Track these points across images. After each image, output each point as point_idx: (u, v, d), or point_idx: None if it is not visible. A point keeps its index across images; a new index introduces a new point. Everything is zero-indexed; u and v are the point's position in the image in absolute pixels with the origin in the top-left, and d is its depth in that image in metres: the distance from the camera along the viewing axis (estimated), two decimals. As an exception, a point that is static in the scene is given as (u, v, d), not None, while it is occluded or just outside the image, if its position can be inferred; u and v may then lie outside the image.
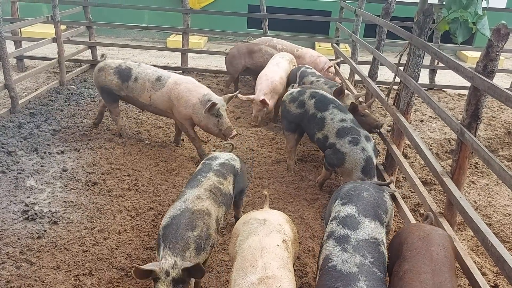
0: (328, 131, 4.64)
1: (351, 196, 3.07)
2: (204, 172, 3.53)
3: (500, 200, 5.08)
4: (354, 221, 2.82)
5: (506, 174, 2.73)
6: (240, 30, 11.54)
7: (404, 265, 2.57)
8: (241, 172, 3.90)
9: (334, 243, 2.69)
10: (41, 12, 11.66)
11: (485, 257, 4.06)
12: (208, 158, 3.83)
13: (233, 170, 3.74)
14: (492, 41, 3.08)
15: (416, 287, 2.38)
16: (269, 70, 6.51)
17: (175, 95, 5.21)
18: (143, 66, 5.60)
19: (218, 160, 3.74)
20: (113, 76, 5.57)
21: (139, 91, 5.45)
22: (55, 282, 3.46)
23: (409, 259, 2.59)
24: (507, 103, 2.75)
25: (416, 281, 2.41)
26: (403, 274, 2.51)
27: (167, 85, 5.29)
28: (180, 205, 3.14)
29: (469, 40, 12.03)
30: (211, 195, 3.31)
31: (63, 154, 5.43)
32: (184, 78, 5.40)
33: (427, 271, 2.46)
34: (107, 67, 5.65)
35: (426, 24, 4.56)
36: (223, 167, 3.66)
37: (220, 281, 3.57)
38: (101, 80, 5.64)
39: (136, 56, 10.60)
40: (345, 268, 2.47)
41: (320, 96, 4.95)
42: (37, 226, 4.09)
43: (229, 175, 3.64)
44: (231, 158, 3.85)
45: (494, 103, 8.20)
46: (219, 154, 3.88)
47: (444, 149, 6.29)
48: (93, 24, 9.06)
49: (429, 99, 3.99)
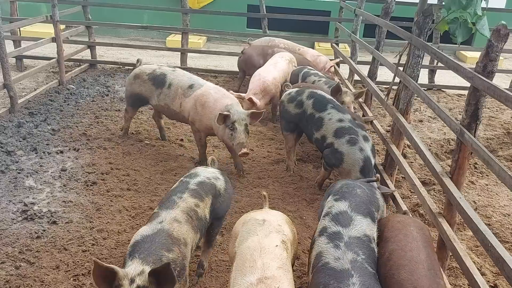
0: (326, 131, 4.64)
1: (344, 193, 3.08)
2: (179, 192, 3.15)
3: (499, 201, 5.08)
4: (347, 217, 2.82)
5: (505, 174, 2.72)
6: (240, 30, 11.53)
7: (388, 245, 2.76)
8: (224, 193, 3.42)
9: (326, 240, 2.69)
10: (40, 12, 11.65)
11: (484, 257, 4.06)
12: (187, 175, 3.43)
13: (213, 191, 3.32)
14: (492, 41, 3.07)
15: (406, 265, 2.53)
16: (264, 69, 6.47)
17: (200, 103, 5.05)
18: (178, 72, 5.44)
19: (197, 178, 3.33)
20: (148, 83, 5.43)
21: (171, 98, 5.28)
22: (54, 282, 3.45)
23: (392, 239, 2.79)
24: (506, 103, 2.75)
25: (404, 260, 2.58)
26: (390, 254, 2.68)
27: (197, 92, 5.14)
28: (154, 226, 2.79)
29: (469, 40, 12.04)
30: (188, 218, 2.97)
31: (62, 154, 5.42)
32: (215, 87, 5.19)
33: (412, 248, 2.66)
34: (142, 73, 5.50)
35: (425, 24, 4.56)
36: (201, 186, 3.26)
37: (219, 281, 3.57)
38: (136, 87, 5.52)
39: (136, 56, 10.58)
40: (338, 265, 2.48)
41: (318, 96, 4.95)
42: (36, 226, 4.09)
43: (207, 197, 3.24)
44: (213, 177, 3.42)
45: (493, 103, 8.21)
46: (200, 171, 3.46)
47: (444, 149, 6.29)
48: (93, 24, 9.06)
49: (429, 99, 3.99)
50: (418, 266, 2.53)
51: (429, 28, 4.64)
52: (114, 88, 7.92)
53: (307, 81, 6.26)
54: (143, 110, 6.96)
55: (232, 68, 9.84)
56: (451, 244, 3.19)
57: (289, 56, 7.02)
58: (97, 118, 6.53)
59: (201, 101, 5.05)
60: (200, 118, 5.08)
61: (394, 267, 2.57)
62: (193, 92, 5.14)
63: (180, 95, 5.22)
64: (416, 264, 2.54)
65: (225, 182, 3.50)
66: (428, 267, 2.53)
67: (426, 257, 2.61)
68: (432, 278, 2.46)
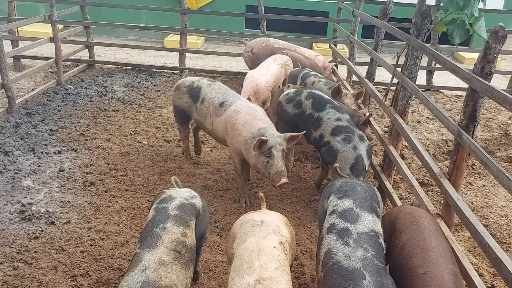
0: (324, 130, 4.67)
1: (346, 190, 3.10)
2: (161, 221, 2.77)
3: (497, 202, 5.10)
4: (353, 214, 2.86)
5: (503, 175, 2.73)
6: (238, 30, 11.53)
7: (402, 236, 2.89)
8: (203, 211, 3.18)
9: (336, 237, 2.71)
10: (39, 12, 11.63)
11: (482, 258, 4.07)
12: (161, 200, 3.03)
13: (194, 211, 3.03)
14: (490, 43, 3.08)
15: (418, 254, 2.69)
16: (257, 72, 6.45)
17: (230, 125, 4.52)
18: (213, 87, 4.92)
19: (175, 201, 2.99)
20: (186, 95, 5.06)
21: (204, 114, 4.85)
22: (52, 283, 3.45)
23: (405, 231, 2.92)
24: (504, 105, 2.76)
25: (417, 249, 2.73)
26: (403, 244, 2.83)
27: (227, 112, 4.60)
28: (137, 276, 2.38)
29: (466, 41, 12.07)
30: (176, 255, 2.59)
31: (60, 154, 5.42)
32: (247, 107, 4.55)
33: (424, 238, 2.81)
34: (181, 85, 5.16)
35: (423, 25, 4.57)
36: (183, 210, 2.93)
37: (217, 282, 3.57)
38: (176, 99, 5.19)
39: (134, 56, 10.59)
40: (349, 264, 2.51)
41: (317, 96, 4.96)
42: (34, 226, 4.08)
43: (191, 220, 2.93)
44: (190, 196, 3.13)
45: (491, 105, 8.23)
46: (173, 192, 3.11)
47: (442, 150, 6.30)
48: (91, 24, 9.05)
49: (427, 100, 4.00)
50: (430, 254, 2.67)
51: (427, 29, 4.65)
52: (112, 88, 7.91)
53: (307, 82, 6.26)
54: (141, 111, 6.96)
55: (230, 68, 9.84)
56: (449, 245, 3.19)
57: (284, 60, 6.95)
58: (95, 119, 6.53)
59: (231, 123, 4.52)
60: (231, 141, 4.55)
61: (408, 256, 2.72)
62: (224, 112, 4.63)
63: (211, 113, 4.76)
64: (428, 252, 2.69)
65: (201, 199, 3.24)
66: (440, 255, 2.67)
67: (438, 245, 2.76)
68: (444, 264, 2.61)
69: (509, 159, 6.08)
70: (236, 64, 10.19)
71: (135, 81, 8.39)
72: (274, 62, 6.76)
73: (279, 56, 7.04)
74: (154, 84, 8.32)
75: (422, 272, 2.57)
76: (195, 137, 5.57)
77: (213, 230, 4.22)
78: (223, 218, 4.39)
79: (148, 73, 8.98)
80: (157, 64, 9.81)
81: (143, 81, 8.46)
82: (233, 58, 10.38)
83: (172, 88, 8.06)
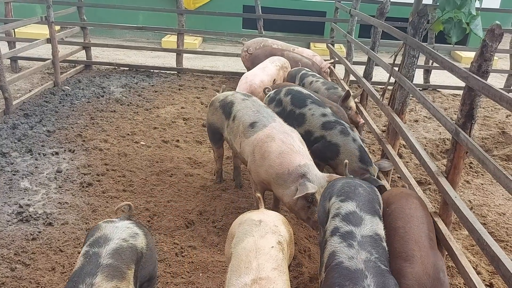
0: (310, 126, 4.61)
1: (347, 192, 3.08)
2: (88, 274, 2.27)
3: (494, 200, 5.11)
4: (357, 217, 2.85)
5: (500, 173, 2.74)
6: (235, 30, 11.53)
7: (391, 206, 3.23)
8: (147, 250, 2.66)
9: (340, 240, 2.70)
10: (35, 13, 11.61)
11: (480, 256, 4.08)
12: (93, 241, 2.49)
13: (135, 256, 2.52)
14: (486, 41, 3.09)
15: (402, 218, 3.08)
16: (252, 73, 6.45)
17: (260, 151, 3.88)
18: (246, 103, 4.33)
19: (110, 243, 2.46)
20: (219, 111, 4.54)
21: (234, 133, 4.29)
22: (50, 284, 3.44)
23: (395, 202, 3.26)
24: (501, 103, 2.76)
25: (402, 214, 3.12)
26: (392, 211, 3.17)
27: (258, 135, 3.98)
28: None
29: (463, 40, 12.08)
30: None
31: (58, 155, 5.40)
32: (283, 133, 3.92)
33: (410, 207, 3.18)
34: (216, 100, 4.67)
35: (420, 24, 4.58)
36: (118, 257, 2.41)
37: (216, 282, 3.57)
38: (209, 116, 4.68)
39: (131, 57, 10.58)
40: (351, 265, 2.50)
41: (295, 92, 4.94)
42: (31, 227, 4.07)
43: (129, 269, 2.43)
44: (130, 235, 2.59)
45: (488, 103, 8.24)
46: (110, 230, 2.57)
47: (439, 149, 6.31)
48: (88, 25, 9.04)
49: (424, 99, 4.00)
50: (413, 219, 3.07)
51: (424, 28, 4.66)
52: (110, 89, 7.90)
53: (305, 82, 6.26)
54: (139, 111, 6.96)
55: (228, 68, 9.84)
56: (447, 243, 3.20)
57: (281, 62, 6.95)
58: (92, 119, 6.52)
59: (261, 149, 3.88)
60: (256, 169, 3.93)
61: (394, 219, 3.10)
62: (254, 134, 4.02)
63: (240, 133, 4.18)
64: (411, 218, 3.08)
65: (145, 236, 2.69)
66: (420, 221, 3.06)
67: (420, 215, 3.13)
68: (423, 229, 3.00)
69: (507, 158, 6.09)
70: (234, 64, 10.19)
71: (133, 82, 8.38)
72: (271, 63, 6.77)
73: (277, 58, 7.04)
74: (151, 85, 8.31)
75: (403, 231, 2.97)
76: (235, 162, 4.98)
77: (212, 230, 4.21)
78: (221, 218, 4.38)
79: (146, 74, 8.98)
80: (155, 64, 9.80)
81: (140, 81, 8.45)
82: (231, 59, 10.37)
83: (170, 88, 8.12)
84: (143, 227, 2.80)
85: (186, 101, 7.58)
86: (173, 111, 7.07)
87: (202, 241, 4.05)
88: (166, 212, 4.42)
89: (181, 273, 3.65)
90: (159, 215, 4.37)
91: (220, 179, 5.04)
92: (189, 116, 6.88)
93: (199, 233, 4.17)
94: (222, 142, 4.77)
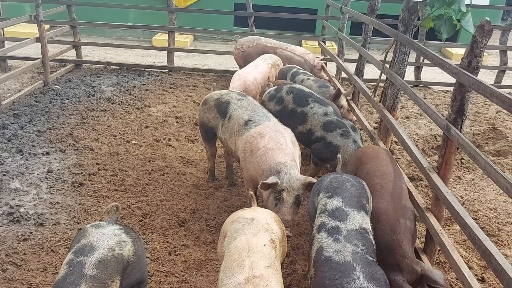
0: (312, 125, 4.67)
1: (334, 188, 3.13)
2: (71, 284, 2.22)
3: (485, 195, 5.14)
4: (343, 213, 2.89)
5: (491, 168, 2.76)
6: (227, 28, 11.49)
7: (367, 165, 3.67)
8: (135, 258, 2.61)
9: (326, 235, 2.75)
10: (24, 12, 11.49)
11: (471, 251, 4.11)
12: (78, 249, 2.42)
13: (120, 265, 2.46)
14: (476, 37, 3.11)
15: (378, 175, 3.50)
16: (244, 70, 6.45)
17: (250, 148, 3.93)
18: (243, 103, 4.35)
19: (95, 253, 2.39)
20: (214, 110, 4.53)
21: (229, 133, 4.30)
22: (42, 285, 3.41)
23: (369, 161, 3.70)
24: (491, 98, 2.78)
25: (378, 172, 3.54)
26: (368, 170, 3.61)
27: (250, 132, 4.02)
28: None
29: (454, 37, 12.17)
30: None
31: (49, 155, 5.36)
32: (274, 131, 3.95)
33: (383, 165, 3.62)
34: (209, 99, 4.65)
35: (411, 21, 4.60)
36: (103, 268, 2.35)
37: (209, 280, 3.56)
38: (203, 114, 4.67)
39: (122, 55, 10.51)
40: (339, 258, 2.54)
41: (297, 91, 4.99)
42: (22, 228, 4.03)
43: (114, 280, 2.36)
44: (117, 243, 2.52)
45: (479, 99, 8.30)
46: (96, 237, 2.50)
47: (430, 145, 6.35)
48: (78, 24, 8.96)
49: (415, 96, 4.02)
50: (387, 175, 3.49)
51: (415, 25, 4.67)
52: (100, 88, 7.85)
53: (296, 80, 6.26)
54: (130, 110, 6.92)
55: (219, 67, 9.81)
56: (439, 239, 3.22)
57: (273, 59, 6.94)
58: (83, 119, 6.47)
59: (251, 146, 3.92)
60: (246, 165, 3.99)
61: (371, 177, 3.50)
62: (247, 132, 4.06)
63: (235, 132, 4.20)
64: (386, 174, 3.50)
65: (133, 242, 2.62)
66: (394, 176, 3.50)
67: (393, 170, 3.57)
68: (397, 183, 3.45)
69: (497, 153, 6.14)
70: (225, 62, 10.16)
71: (124, 81, 8.32)
72: (263, 61, 6.77)
73: (268, 56, 7.04)
74: (142, 84, 8.26)
75: (380, 187, 3.37)
76: (227, 161, 4.98)
77: (205, 228, 4.20)
78: (214, 216, 4.38)
79: (137, 73, 8.93)
80: (146, 63, 9.75)
81: (131, 80, 8.40)
82: (222, 57, 10.34)
83: (161, 86, 8.08)
84: (132, 232, 2.73)
85: (178, 99, 7.55)
86: (164, 109, 7.04)
87: (195, 240, 4.04)
88: (158, 211, 4.41)
89: (175, 272, 3.64)
90: (152, 214, 4.35)
91: (213, 177, 5.03)
92: (181, 115, 6.85)
93: (192, 231, 4.15)
94: (215, 140, 4.77)
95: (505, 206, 4.91)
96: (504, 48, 9.02)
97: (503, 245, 4.25)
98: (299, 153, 4.00)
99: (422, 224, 4.36)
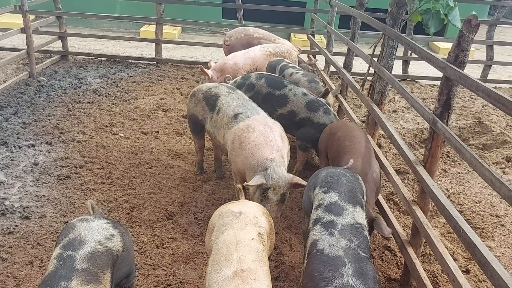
0: (294, 106, 4.75)
1: (330, 183, 3.13)
2: (63, 278, 2.18)
3: (471, 188, 5.21)
4: (339, 207, 2.90)
5: (476, 162, 2.79)
6: (215, 20, 11.43)
7: (338, 133, 4.11)
8: (124, 251, 2.59)
9: (321, 229, 2.76)
10: (9, 2, 11.29)
11: (457, 243, 4.17)
12: (67, 243, 2.39)
13: (110, 259, 2.44)
14: (463, 32, 3.12)
15: (348, 139, 3.95)
16: (234, 53, 6.60)
17: (239, 141, 3.92)
18: (232, 96, 4.33)
19: (86, 247, 2.37)
20: (202, 103, 4.50)
21: (218, 126, 4.28)
22: (28, 278, 3.38)
23: (341, 130, 4.14)
24: (477, 93, 2.80)
25: (348, 136, 3.99)
26: (339, 136, 4.05)
27: (239, 125, 4.00)
28: None
29: (441, 31, 12.26)
30: None
31: (34, 148, 5.29)
32: (263, 125, 3.93)
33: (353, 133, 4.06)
34: (198, 91, 4.61)
35: (399, 15, 4.61)
36: (94, 261, 2.33)
37: (197, 273, 3.56)
38: (191, 107, 4.62)
39: (109, 47, 10.40)
40: (332, 252, 2.55)
41: (267, 75, 5.08)
42: (8, 221, 3.99)
43: (105, 273, 2.35)
44: (106, 237, 2.50)
45: (465, 93, 8.39)
46: (84, 231, 2.47)
47: (417, 138, 6.40)
48: (63, 14, 8.83)
49: (403, 90, 4.04)
50: (356, 138, 3.96)
51: (403, 19, 4.69)
52: (87, 80, 7.75)
53: (285, 73, 6.24)
54: (117, 102, 6.85)
55: (208, 59, 9.73)
56: (425, 231, 3.26)
57: (273, 48, 6.81)
58: (69, 111, 6.39)
59: (240, 139, 3.91)
60: (234, 158, 3.99)
61: (342, 141, 3.98)
62: (236, 125, 4.04)
63: (224, 125, 4.19)
64: (355, 137, 3.97)
65: (121, 236, 2.61)
66: (362, 138, 3.98)
67: (360, 134, 4.05)
68: (365, 144, 3.92)
69: (483, 147, 6.22)
70: (214, 54, 10.11)
71: (110, 73, 8.24)
72: (261, 48, 6.74)
73: (275, 45, 6.95)
74: (129, 76, 8.19)
75: (350, 148, 3.84)
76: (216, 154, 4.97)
77: (193, 221, 4.20)
78: (202, 209, 4.37)
79: (124, 64, 8.84)
80: (133, 55, 9.66)
81: (118, 72, 8.32)
82: (211, 49, 10.28)
83: (149, 78, 8.01)
84: (120, 226, 2.72)
85: (166, 92, 7.50)
86: (152, 102, 6.99)
87: (183, 233, 4.04)
88: (146, 204, 4.39)
89: (162, 265, 3.63)
90: (139, 207, 4.33)
91: (201, 170, 5.02)
92: (169, 107, 6.81)
93: (180, 224, 4.15)
94: (203, 133, 4.75)
95: (490, 199, 4.98)
96: (490, 42, 9.12)
97: (487, 237, 4.32)
98: (287, 148, 4.00)
99: (408, 217, 4.41)
